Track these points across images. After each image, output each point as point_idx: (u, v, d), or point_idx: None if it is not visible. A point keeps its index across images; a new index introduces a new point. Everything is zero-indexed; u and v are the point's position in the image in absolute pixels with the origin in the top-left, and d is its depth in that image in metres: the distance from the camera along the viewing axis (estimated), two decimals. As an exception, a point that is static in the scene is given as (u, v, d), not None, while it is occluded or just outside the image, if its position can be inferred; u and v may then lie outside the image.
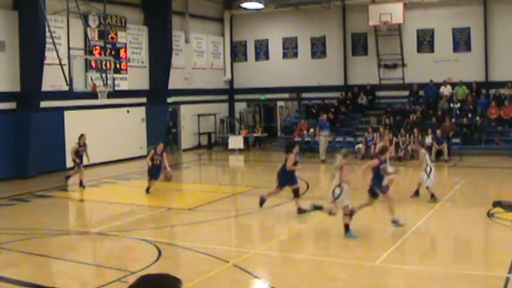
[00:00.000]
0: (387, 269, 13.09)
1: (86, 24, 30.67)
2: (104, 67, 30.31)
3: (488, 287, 11.90)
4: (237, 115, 43.84)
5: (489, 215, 18.02)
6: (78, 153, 24.76)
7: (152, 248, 14.91)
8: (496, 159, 30.92)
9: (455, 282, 12.16)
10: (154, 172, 23.12)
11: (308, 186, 24.34)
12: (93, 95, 28.95)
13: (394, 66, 38.90)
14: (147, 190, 23.03)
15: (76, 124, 30.25)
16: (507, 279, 11.93)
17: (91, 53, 31.05)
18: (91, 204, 22.31)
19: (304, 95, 41.67)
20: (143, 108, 35.73)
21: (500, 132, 33.87)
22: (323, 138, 32.83)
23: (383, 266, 13.17)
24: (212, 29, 42.91)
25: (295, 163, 18.92)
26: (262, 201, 19.33)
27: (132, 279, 12.84)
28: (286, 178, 18.92)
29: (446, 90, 36.54)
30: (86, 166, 25.89)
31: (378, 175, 16.93)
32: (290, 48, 42.41)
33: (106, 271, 13.33)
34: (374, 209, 20.53)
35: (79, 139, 24.90)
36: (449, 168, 29.86)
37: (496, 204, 19.19)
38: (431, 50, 38.14)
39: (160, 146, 23.40)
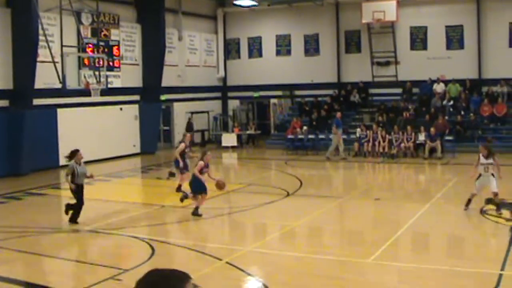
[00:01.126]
0: (380, 266, 13.11)
1: (79, 22, 30.57)
2: (97, 65, 30.26)
3: (481, 283, 11.94)
4: (230, 113, 43.82)
5: (482, 212, 18.08)
6: (184, 155, 22.68)
7: (145, 245, 14.92)
8: (489, 156, 30.92)
9: (448, 278, 12.19)
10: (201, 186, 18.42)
11: (301, 183, 24.32)
12: (86, 92, 28.87)
13: (387, 63, 38.94)
14: (181, 200, 19.25)
15: (69, 121, 30.26)
16: (500, 276, 11.98)
17: (84, 50, 30.96)
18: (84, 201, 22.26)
19: (297, 92, 41.66)
20: (136, 105, 35.68)
21: (493, 129, 33.96)
22: (337, 136, 32.51)
23: (376, 263, 13.19)
24: (205, 27, 42.88)
25: None
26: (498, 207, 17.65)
27: (125, 277, 12.86)
28: None
29: (439, 88, 36.60)
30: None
31: None
32: (283, 46, 42.41)
33: (99, 269, 13.31)
34: (367, 207, 20.64)
35: (183, 138, 23.54)
36: (442, 166, 29.94)
37: (489, 201, 19.22)
38: (424, 47, 38.18)
39: (208, 156, 18.92)
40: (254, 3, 40.40)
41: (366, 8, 37.55)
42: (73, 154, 17.77)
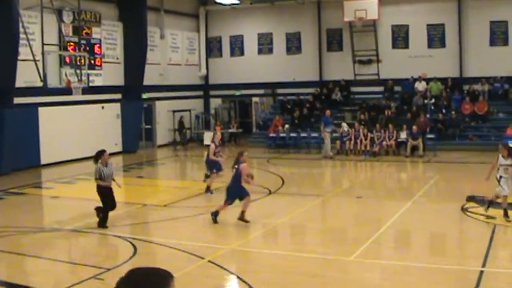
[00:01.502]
0: (363, 264, 13.15)
1: (60, 20, 30.46)
2: (78, 63, 30.13)
3: (462, 280, 12.01)
4: (212, 111, 43.79)
5: (463, 209, 18.18)
6: (215, 154, 22.06)
7: (127, 244, 14.88)
8: (470, 154, 31.17)
9: (430, 276, 12.25)
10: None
11: (283, 182, 24.30)
12: (67, 91, 28.75)
13: (369, 61, 39.04)
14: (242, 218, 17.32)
15: (50, 120, 30.09)
16: (481, 272, 12.05)
17: (65, 49, 30.83)
18: (65, 201, 22.14)
19: (279, 91, 41.72)
20: (118, 104, 35.55)
21: (474, 127, 34.14)
22: (328, 134, 32.54)
23: (358, 261, 13.23)
24: (187, 25, 42.79)
25: None
26: None
27: (107, 276, 12.79)
28: None
29: (420, 86, 36.75)
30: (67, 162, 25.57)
31: None
32: (265, 44, 42.41)
33: (82, 268, 13.26)
34: (350, 205, 20.70)
35: (214, 138, 22.65)
36: (424, 163, 30.06)
37: (470, 198, 19.36)
38: (406, 46, 38.33)
39: (245, 156, 17.39)
40: (236, 1, 40.37)
41: (348, 6, 37.60)
42: (98, 156, 17.05)
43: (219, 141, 22.69)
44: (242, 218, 16.97)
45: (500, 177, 16.74)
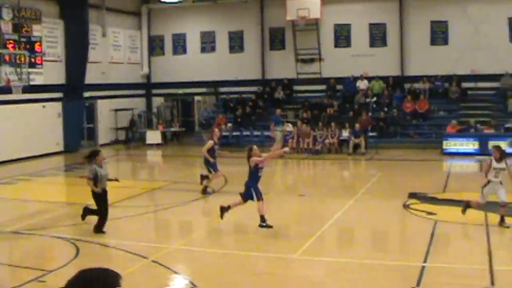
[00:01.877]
0: (307, 261, 13.22)
1: (-1, 17, 29.95)
2: (18, 61, 29.66)
3: (405, 276, 12.14)
4: (154, 110, 43.54)
5: (405, 206, 18.41)
6: (213, 152, 21.44)
7: (69, 245, 14.69)
8: (411, 152, 31.60)
9: (373, 272, 12.37)
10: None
11: (226, 181, 24.25)
12: (7, 90, 28.32)
13: (311, 60, 39.23)
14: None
15: (-11, 119, 29.58)
16: (423, 268, 12.22)
17: (4, 47, 30.29)
18: (5, 202, 21.72)
19: (222, 89, 41.65)
20: (60, 103, 35.06)
21: (415, 125, 34.60)
22: (279, 133, 32.52)
23: (303, 258, 13.30)
24: (129, 23, 42.44)
25: None
26: None
27: (49, 278, 12.58)
28: None
29: (362, 84, 37.09)
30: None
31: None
32: (208, 42, 42.31)
33: (23, 271, 13.02)
34: (292, 203, 20.76)
35: (213, 135, 22.05)
36: (366, 161, 30.36)
37: (412, 195, 19.63)
38: (348, 45, 38.65)
39: (256, 150, 16.91)
40: (178, -1, 40.20)
41: (291, 5, 37.74)
42: (93, 156, 15.95)
43: (217, 139, 22.06)
44: (262, 224, 15.69)
45: (488, 181, 15.73)
